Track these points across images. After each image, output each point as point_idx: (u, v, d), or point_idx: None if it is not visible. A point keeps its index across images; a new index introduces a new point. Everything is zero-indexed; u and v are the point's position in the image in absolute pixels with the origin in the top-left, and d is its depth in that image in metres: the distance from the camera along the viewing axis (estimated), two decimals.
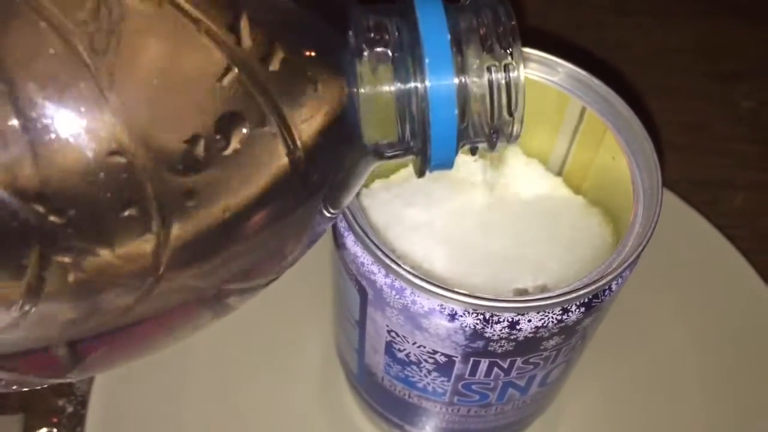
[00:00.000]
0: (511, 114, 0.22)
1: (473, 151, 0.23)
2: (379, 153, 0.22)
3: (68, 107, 0.17)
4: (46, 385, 0.24)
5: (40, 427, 0.35)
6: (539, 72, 0.28)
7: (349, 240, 0.25)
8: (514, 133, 0.22)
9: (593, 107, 0.27)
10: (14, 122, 0.17)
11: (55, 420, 0.35)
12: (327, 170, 0.21)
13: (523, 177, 0.29)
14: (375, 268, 0.24)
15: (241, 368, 0.36)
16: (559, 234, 0.28)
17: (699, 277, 0.39)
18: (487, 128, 0.22)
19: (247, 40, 0.19)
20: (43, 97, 0.17)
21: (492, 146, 0.22)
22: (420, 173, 0.23)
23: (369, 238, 0.24)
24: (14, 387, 0.23)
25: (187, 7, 0.18)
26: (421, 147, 0.22)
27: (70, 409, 0.35)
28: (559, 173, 0.30)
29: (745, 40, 0.52)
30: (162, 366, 0.36)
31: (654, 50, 0.50)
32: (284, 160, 0.20)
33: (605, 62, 0.47)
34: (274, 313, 0.37)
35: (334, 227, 0.26)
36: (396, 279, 0.24)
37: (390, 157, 0.23)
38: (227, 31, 0.19)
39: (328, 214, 0.23)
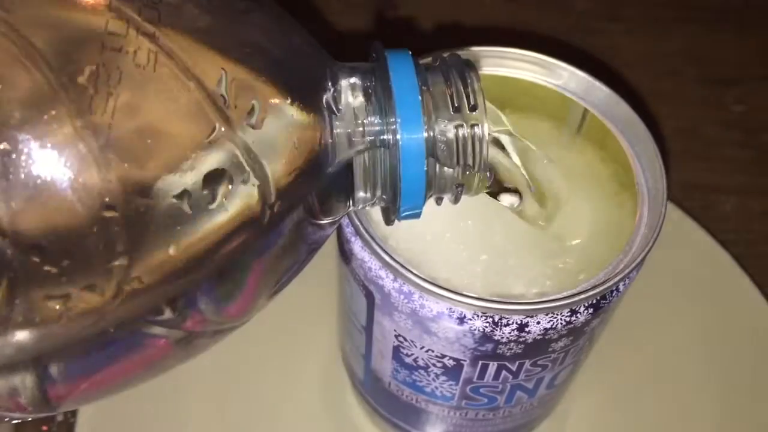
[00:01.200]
0: (475, 168, 0.23)
1: (438, 201, 0.24)
2: (351, 203, 0.24)
3: (63, 165, 0.18)
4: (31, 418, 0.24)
5: None
6: (541, 75, 0.28)
7: (356, 246, 0.25)
8: (476, 186, 0.23)
9: (595, 110, 0.28)
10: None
11: (44, 428, 0.35)
12: (300, 217, 0.22)
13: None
14: (383, 273, 0.24)
15: (244, 376, 0.36)
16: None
17: (692, 281, 0.39)
18: (452, 183, 0.23)
19: (233, 101, 0.20)
20: (41, 156, 0.18)
21: (457, 198, 0.24)
22: (388, 222, 0.24)
23: (376, 243, 0.24)
24: None
25: (177, 71, 0.19)
26: (392, 199, 0.23)
27: (60, 418, 0.35)
28: None
29: (734, 45, 0.52)
30: None
31: (644, 56, 0.51)
32: (261, 211, 0.21)
33: (596, 68, 0.47)
34: (278, 321, 0.37)
35: (340, 233, 0.26)
36: (404, 283, 0.24)
37: (361, 207, 0.24)
38: (215, 93, 0.20)
39: (305, 252, 0.24)
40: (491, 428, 0.29)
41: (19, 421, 0.30)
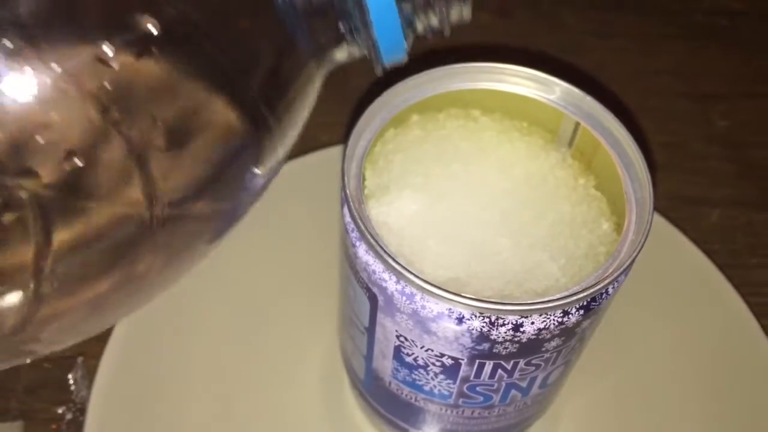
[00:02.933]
0: None
1: (428, 34, 0.23)
2: (324, 53, 0.22)
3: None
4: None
5: None
6: (536, 90, 0.30)
7: (361, 249, 0.26)
8: (461, 3, 0.22)
9: (587, 122, 0.29)
10: None
11: (54, 427, 0.35)
12: (272, 74, 0.21)
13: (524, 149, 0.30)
14: (386, 276, 0.26)
15: (244, 377, 0.37)
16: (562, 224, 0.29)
17: (678, 289, 0.41)
18: (432, 4, 0.21)
19: None
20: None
21: (443, 25, 0.22)
22: (377, 68, 0.22)
23: (380, 247, 0.25)
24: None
25: None
26: (366, 35, 0.21)
27: (69, 416, 0.35)
28: None
29: (720, 62, 0.54)
30: (162, 372, 0.36)
31: (633, 72, 0.52)
32: (228, 67, 0.20)
33: (586, 84, 0.48)
34: (277, 323, 0.38)
35: (345, 238, 0.28)
36: (407, 285, 0.25)
37: (338, 59, 0.22)
38: None
39: (284, 133, 0.23)
40: (486, 426, 0.31)
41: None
